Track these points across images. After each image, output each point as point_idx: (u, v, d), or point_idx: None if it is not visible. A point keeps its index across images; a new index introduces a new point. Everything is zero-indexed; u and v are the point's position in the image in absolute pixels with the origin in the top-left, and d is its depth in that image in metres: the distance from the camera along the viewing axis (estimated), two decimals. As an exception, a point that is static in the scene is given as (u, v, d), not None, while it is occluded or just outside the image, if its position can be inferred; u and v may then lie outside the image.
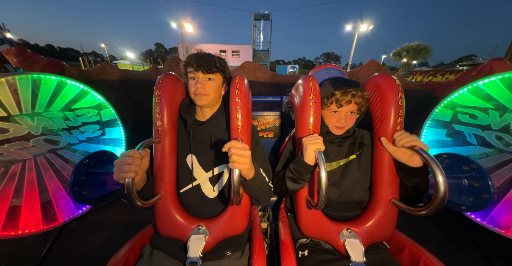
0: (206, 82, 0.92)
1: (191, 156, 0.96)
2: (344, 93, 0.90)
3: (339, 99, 0.90)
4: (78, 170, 1.36)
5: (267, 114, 1.79)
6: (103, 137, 1.92)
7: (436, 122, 1.72)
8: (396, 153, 0.84)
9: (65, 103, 1.67)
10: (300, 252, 0.96)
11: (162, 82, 0.93)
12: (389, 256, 0.91)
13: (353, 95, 0.89)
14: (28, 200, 1.47)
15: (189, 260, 0.84)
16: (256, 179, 0.82)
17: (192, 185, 0.95)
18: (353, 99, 0.90)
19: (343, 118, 0.92)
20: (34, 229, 1.47)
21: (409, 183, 0.86)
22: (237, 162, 0.68)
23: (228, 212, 0.92)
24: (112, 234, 1.74)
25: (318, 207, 0.75)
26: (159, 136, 0.91)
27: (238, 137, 0.87)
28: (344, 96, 0.89)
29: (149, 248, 0.94)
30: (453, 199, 1.25)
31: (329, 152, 1.00)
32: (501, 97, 1.47)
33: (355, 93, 0.89)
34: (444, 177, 0.63)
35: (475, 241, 1.65)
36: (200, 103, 0.93)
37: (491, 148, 1.49)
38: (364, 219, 0.93)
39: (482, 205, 1.16)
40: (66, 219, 1.61)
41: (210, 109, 1.00)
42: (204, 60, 0.89)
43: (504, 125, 1.45)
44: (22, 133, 1.47)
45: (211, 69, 0.90)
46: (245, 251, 0.98)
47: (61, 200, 1.60)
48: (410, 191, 0.88)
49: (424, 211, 0.70)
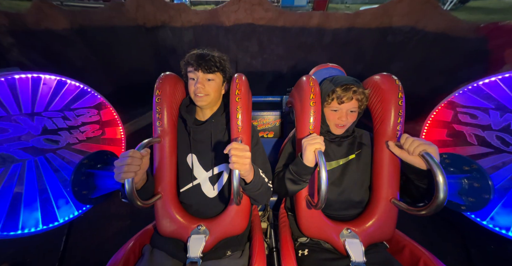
0: (206, 82, 0.91)
1: (191, 155, 0.96)
2: (345, 90, 0.89)
3: (340, 95, 0.90)
4: (78, 170, 1.36)
5: (267, 114, 1.80)
6: (103, 136, 1.92)
7: (436, 122, 1.72)
8: (405, 156, 0.83)
9: (65, 103, 1.67)
10: (300, 251, 0.96)
11: (162, 82, 0.93)
12: (389, 255, 0.91)
13: (355, 91, 0.89)
14: (28, 200, 1.47)
15: (189, 260, 0.84)
16: (255, 181, 0.81)
17: (192, 184, 0.95)
18: (355, 95, 0.90)
19: (344, 116, 0.92)
20: (34, 229, 1.47)
21: (422, 185, 0.85)
22: (237, 163, 0.68)
23: (228, 212, 0.92)
24: (121, 226, 1.80)
25: (318, 207, 0.75)
26: (159, 136, 0.91)
27: (238, 137, 0.87)
28: (346, 93, 0.89)
29: (150, 248, 0.94)
30: (453, 199, 1.25)
31: (329, 151, 1.00)
32: (501, 97, 1.47)
33: (356, 89, 0.89)
34: (444, 177, 0.63)
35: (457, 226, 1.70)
36: (200, 104, 0.93)
37: (491, 148, 1.49)
38: (364, 219, 0.93)
39: (482, 205, 1.16)
40: (66, 219, 1.61)
41: (210, 109, 1.00)
42: (204, 60, 0.88)
43: (505, 125, 1.45)
44: (22, 133, 1.47)
45: (211, 68, 0.89)
46: (245, 250, 0.98)
47: (61, 200, 1.60)
48: (423, 192, 0.86)
49: (424, 211, 0.70)
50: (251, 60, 2.77)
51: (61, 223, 1.59)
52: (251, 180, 0.80)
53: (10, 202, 1.42)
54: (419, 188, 0.87)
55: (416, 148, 0.75)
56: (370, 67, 2.79)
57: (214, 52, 0.94)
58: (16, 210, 1.44)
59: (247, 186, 0.81)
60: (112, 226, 1.78)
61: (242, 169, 0.70)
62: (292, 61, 2.89)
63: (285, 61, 2.85)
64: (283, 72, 2.86)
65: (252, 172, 0.80)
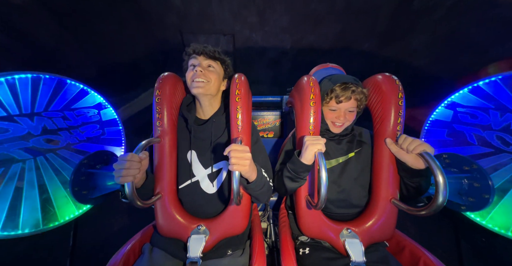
0: (207, 69, 0.92)
1: (191, 152, 0.97)
2: (344, 89, 0.89)
3: (338, 95, 0.90)
4: (78, 170, 1.36)
5: (267, 114, 1.80)
6: (103, 136, 1.92)
7: (436, 122, 1.72)
8: (401, 154, 0.84)
9: (65, 103, 1.67)
10: (301, 250, 0.96)
11: (162, 82, 0.93)
12: (388, 254, 0.91)
13: (353, 91, 0.89)
14: (28, 200, 1.47)
15: (189, 260, 0.84)
16: (258, 181, 0.82)
17: (191, 181, 0.96)
18: (353, 95, 0.90)
19: (342, 116, 0.92)
20: (34, 229, 1.47)
21: (411, 183, 0.86)
22: (236, 164, 0.69)
23: (228, 212, 0.92)
24: (124, 221, 1.82)
25: (318, 207, 0.75)
26: (159, 136, 0.91)
27: (238, 137, 0.87)
28: (344, 92, 0.89)
29: (149, 246, 0.94)
30: (453, 199, 1.25)
31: (328, 149, 1.00)
32: (501, 97, 1.47)
33: (355, 89, 0.89)
34: (445, 178, 0.63)
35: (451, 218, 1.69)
36: (196, 91, 0.90)
37: (491, 148, 1.49)
38: (364, 219, 0.93)
39: (482, 205, 1.16)
40: (66, 219, 1.61)
41: (210, 106, 1.00)
42: (207, 48, 0.92)
43: (505, 125, 1.45)
44: (22, 133, 1.47)
45: (213, 54, 0.92)
46: (245, 248, 0.98)
47: (61, 200, 1.60)
48: (412, 190, 0.88)
49: (424, 211, 0.70)
50: (250, 33, 2.32)
51: (61, 223, 1.59)
52: (254, 179, 0.80)
53: (10, 202, 1.42)
54: (407, 186, 0.88)
55: (417, 147, 0.76)
56: (388, 42, 2.25)
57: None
58: (16, 210, 1.44)
59: (250, 185, 0.81)
60: (116, 221, 1.79)
61: (241, 170, 0.71)
62: (297, 35, 2.43)
63: (289, 35, 2.40)
64: (287, 48, 2.47)
65: (255, 172, 0.80)
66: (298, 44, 2.47)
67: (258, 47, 2.46)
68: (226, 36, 2.20)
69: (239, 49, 2.37)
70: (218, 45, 2.27)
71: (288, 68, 2.59)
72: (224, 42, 2.29)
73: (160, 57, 2.37)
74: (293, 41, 2.44)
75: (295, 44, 2.48)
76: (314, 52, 2.39)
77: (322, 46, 2.31)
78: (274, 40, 2.45)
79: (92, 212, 1.78)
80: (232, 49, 2.36)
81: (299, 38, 2.40)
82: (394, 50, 2.12)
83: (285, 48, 2.53)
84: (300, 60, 2.52)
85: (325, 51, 2.34)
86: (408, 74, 2.16)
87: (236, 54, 2.43)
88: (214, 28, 2.10)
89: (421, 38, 2.08)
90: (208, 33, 2.17)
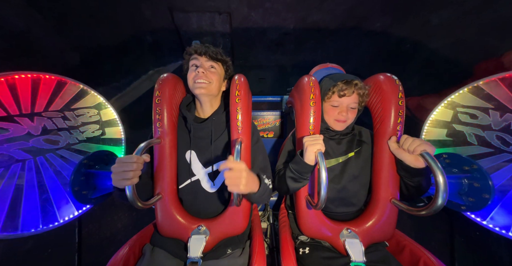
0: (209, 69, 0.92)
1: (190, 152, 0.97)
2: (346, 83, 0.90)
3: (341, 88, 0.90)
4: (78, 170, 1.36)
5: (267, 114, 1.80)
6: (103, 136, 1.92)
7: (436, 122, 1.72)
8: (400, 154, 0.84)
9: (65, 103, 1.67)
10: (301, 250, 0.97)
11: (162, 83, 0.93)
12: (388, 254, 0.92)
13: (356, 85, 0.89)
14: (28, 200, 1.47)
15: (189, 260, 0.84)
16: (260, 192, 0.81)
17: (191, 181, 0.96)
18: (356, 89, 0.90)
19: (345, 111, 0.92)
20: (34, 229, 1.47)
21: (411, 183, 0.86)
22: (231, 185, 0.68)
23: (228, 212, 0.92)
24: (128, 218, 1.82)
25: (318, 207, 0.75)
26: (160, 137, 0.91)
27: (238, 138, 0.87)
28: (347, 86, 0.89)
29: (150, 247, 0.94)
30: (453, 199, 1.25)
31: (328, 149, 1.00)
32: (501, 97, 1.47)
33: (358, 83, 0.89)
34: (445, 178, 0.64)
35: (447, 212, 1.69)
36: (199, 92, 0.90)
37: (491, 148, 1.49)
38: (364, 218, 0.93)
39: (482, 205, 1.16)
40: (66, 219, 1.61)
41: (210, 106, 1.00)
42: (209, 48, 0.92)
43: (505, 125, 1.45)
44: (22, 133, 1.47)
45: (216, 55, 0.92)
46: (245, 248, 0.98)
47: (61, 200, 1.60)
48: (412, 190, 0.88)
49: (424, 211, 0.71)
50: (249, 11, 1.97)
51: (61, 223, 1.59)
52: (256, 191, 0.79)
53: (10, 202, 1.42)
54: (408, 185, 0.88)
55: (417, 147, 0.76)
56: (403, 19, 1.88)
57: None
58: (16, 210, 1.44)
59: (252, 196, 0.82)
60: (119, 217, 1.79)
61: (236, 190, 0.69)
62: (302, 12, 2.08)
63: (293, 13, 2.08)
64: (289, 28, 2.16)
65: (255, 184, 0.79)
66: (302, 23, 2.15)
67: (258, 27, 2.12)
68: (222, 15, 1.89)
69: (237, 29, 2.07)
70: (213, 25, 1.97)
71: (291, 50, 2.26)
72: (219, 22, 1.97)
73: (149, 38, 2.12)
74: (297, 19, 2.13)
75: (299, 24, 2.16)
76: (319, 33, 2.10)
77: (328, 25, 2.00)
78: (276, 19, 2.12)
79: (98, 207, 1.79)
80: (229, 30, 2.07)
81: (303, 16, 2.08)
82: (409, 30, 1.85)
83: (288, 28, 2.19)
84: (304, 41, 2.23)
85: (331, 31, 2.06)
86: (423, 58, 1.92)
87: (233, 35, 2.14)
88: (208, 5, 1.79)
89: (444, 13, 1.70)
90: (202, 11, 1.84)
